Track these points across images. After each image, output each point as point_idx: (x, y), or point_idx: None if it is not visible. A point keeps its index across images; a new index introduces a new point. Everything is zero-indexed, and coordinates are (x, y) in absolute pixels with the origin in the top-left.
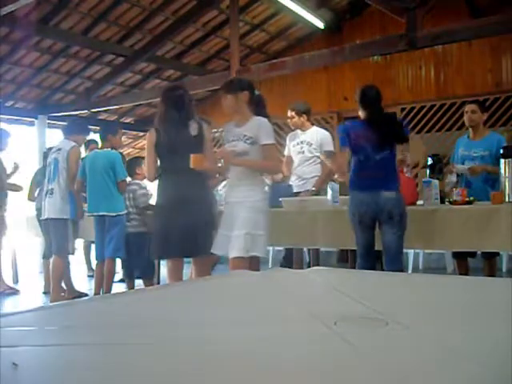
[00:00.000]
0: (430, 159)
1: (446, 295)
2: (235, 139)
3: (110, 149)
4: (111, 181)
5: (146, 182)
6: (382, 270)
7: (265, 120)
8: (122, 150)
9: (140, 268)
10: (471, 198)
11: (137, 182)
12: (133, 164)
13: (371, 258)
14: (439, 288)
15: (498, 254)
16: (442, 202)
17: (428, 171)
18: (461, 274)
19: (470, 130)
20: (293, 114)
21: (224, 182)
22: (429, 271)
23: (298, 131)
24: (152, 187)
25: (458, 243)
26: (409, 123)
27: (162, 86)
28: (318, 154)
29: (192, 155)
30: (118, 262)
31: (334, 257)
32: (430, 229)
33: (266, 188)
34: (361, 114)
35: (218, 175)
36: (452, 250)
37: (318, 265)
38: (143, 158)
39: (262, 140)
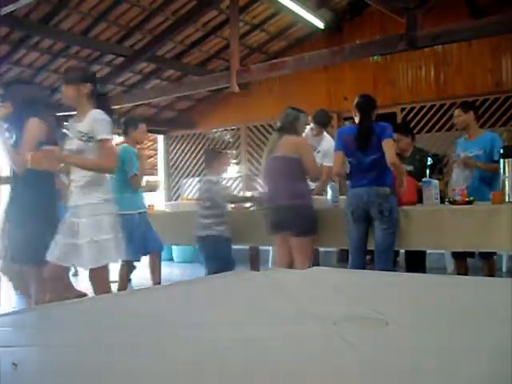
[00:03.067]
0: (430, 159)
1: (446, 295)
2: (72, 136)
3: (126, 144)
4: (117, 176)
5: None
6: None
7: (100, 112)
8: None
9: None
10: (471, 198)
11: (209, 178)
12: (210, 156)
13: (360, 254)
14: (439, 288)
15: (495, 253)
16: (442, 201)
17: (428, 171)
18: (460, 274)
19: (465, 132)
20: (313, 125)
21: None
22: (429, 271)
23: (315, 139)
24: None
25: (458, 243)
26: (408, 123)
27: (162, 86)
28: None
29: (30, 154)
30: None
31: (334, 257)
32: (429, 229)
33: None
34: (356, 119)
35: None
36: (452, 250)
37: (317, 265)
38: (219, 151)
39: (96, 135)
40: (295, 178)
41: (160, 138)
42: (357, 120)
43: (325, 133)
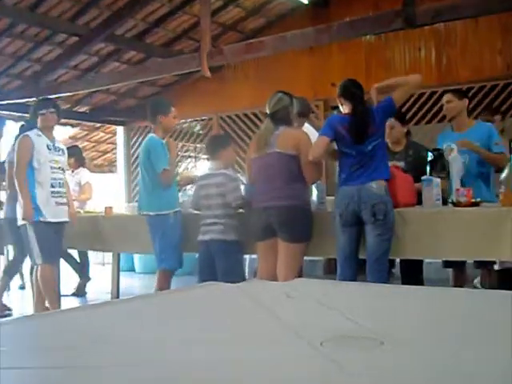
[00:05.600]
0: (430, 154)
1: (447, 310)
2: None
3: (153, 135)
4: (148, 174)
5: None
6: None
7: None
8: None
9: None
10: (478, 200)
11: (223, 171)
12: (215, 143)
13: (350, 264)
14: (439, 302)
15: (495, 262)
16: (445, 203)
17: (428, 168)
18: (456, 286)
19: (453, 122)
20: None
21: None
22: (429, 283)
23: None
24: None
25: (463, 251)
26: (404, 113)
27: (122, 71)
28: None
29: None
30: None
31: (321, 267)
32: (430, 235)
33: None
34: (343, 108)
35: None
36: (455, 258)
37: (300, 276)
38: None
39: None
40: (293, 177)
41: (119, 129)
42: (346, 109)
43: (306, 124)
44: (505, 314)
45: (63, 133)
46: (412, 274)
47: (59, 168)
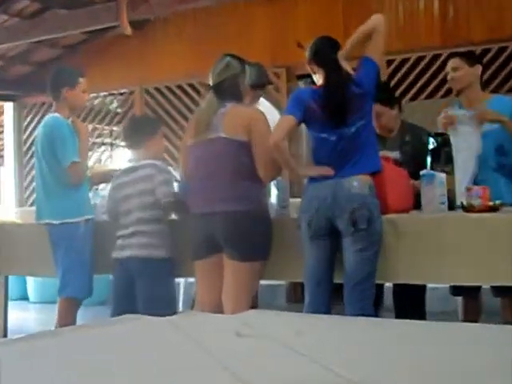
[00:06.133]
0: (432, 140)
1: (450, 353)
2: None
3: (56, 114)
4: (49, 167)
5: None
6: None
7: None
8: None
9: None
10: (496, 203)
11: (150, 162)
12: (138, 128)
13: (322, 290)
14: (441, 342)
15: None
16: (452, 207)
17: (429, 159)
18: (468, 320)
19: (462, 96)
20: None
21: None
22: (431, 316)
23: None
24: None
25: (477, 274)
26: (392, 87)
27: (10, 26)
28: None
29: None
30: None
31: (282, 294)
32: (431, 250)
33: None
34: (316, 77)
35: None
36: (467, 283)
37: (255, 307)
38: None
39: None
40: (244, 171)
41: (8, 106)
42: (320, 79)
43: (262, 99)
44: None
45: None
46: (410, 304)
47: None
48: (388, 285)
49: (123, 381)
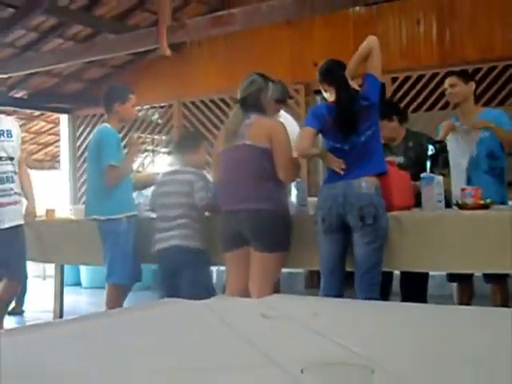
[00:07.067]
0: (431, 147)
1: (450, 333)
2: None
3: (107, 124)
4: (97, 170)
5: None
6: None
7: None
8: None
9: None
10: (488, 201)
11: (190, 169)
12: (187, 141)
13: (336, 277)
14: (441, 323)
15: (507, 275)
16: (448, 205)
17: (428, 164)
18: (462, 303)
19: (458, 109)
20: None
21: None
22: (431, 299)
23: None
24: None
25: (470, 263)
26: (392, 101)
27: (66, 48)
28: None
29: None
30: None
31: (301, 281)
32: (430, 243)
33: None
34: (327, 95)
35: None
36: (462, 271)
37: (277, 292)
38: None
39: None
40: (266, 174)
41: (63, 118)
42: (331, 96)
43: (282, 111)
44: None
45: None
46: (414, 290)
47: (7, 158)
48: (396, 273)
49: (166, 356)
